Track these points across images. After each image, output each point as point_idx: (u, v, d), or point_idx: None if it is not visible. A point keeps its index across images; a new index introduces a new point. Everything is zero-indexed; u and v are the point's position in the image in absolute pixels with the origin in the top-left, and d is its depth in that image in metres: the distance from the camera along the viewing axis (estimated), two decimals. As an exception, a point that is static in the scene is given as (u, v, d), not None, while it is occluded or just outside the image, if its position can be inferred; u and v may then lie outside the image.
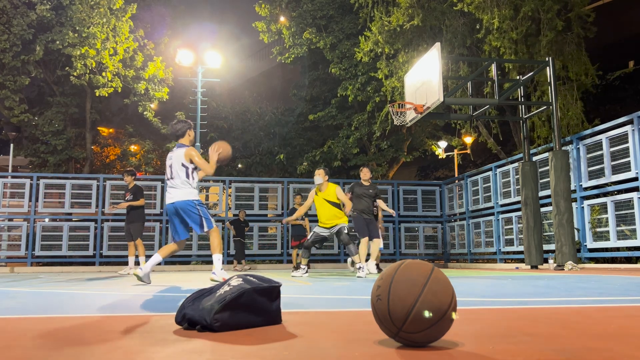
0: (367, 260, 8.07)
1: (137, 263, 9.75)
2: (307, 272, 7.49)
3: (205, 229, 5.29)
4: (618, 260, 9.41)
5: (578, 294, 3.54)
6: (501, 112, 14.33)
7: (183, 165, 5.31)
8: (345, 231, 7.43)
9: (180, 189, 5.30)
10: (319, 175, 7.57)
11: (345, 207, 7.46)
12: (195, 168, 5.37)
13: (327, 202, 7.49)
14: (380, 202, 8.72)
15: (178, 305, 2.08)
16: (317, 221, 7.74)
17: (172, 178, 5.36)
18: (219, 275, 5.12)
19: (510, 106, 13.64)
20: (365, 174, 8.35)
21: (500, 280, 5.60)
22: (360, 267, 7.07)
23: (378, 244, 8.34)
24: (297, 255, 11.77)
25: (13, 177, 14.49)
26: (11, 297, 3.69)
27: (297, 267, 11.29)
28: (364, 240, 7.94)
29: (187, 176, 5.30)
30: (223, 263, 6.92)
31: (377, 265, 11.48)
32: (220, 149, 5.39)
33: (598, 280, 5.09)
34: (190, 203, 5.26)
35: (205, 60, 17.02)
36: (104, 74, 15.96)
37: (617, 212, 8.88)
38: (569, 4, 11.49)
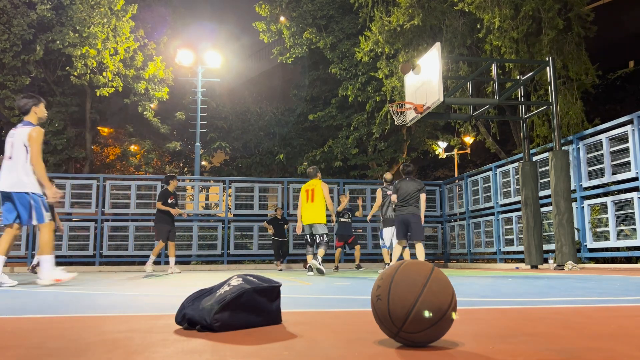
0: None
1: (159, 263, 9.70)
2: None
3: (35, 222, 4.93)
4: (618, 260, 9.41)
5: (578, 294, 3.54)
6: (501, 112, 14.33)
7: (25, 145, 4.87)
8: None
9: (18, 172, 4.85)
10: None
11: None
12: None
13: None
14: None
15: (178, 305, 2.08)
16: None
17: (10, 158, 4.91)
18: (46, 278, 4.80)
19: (510, 106, 13.64)
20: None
21: (500, 280, 5.60)
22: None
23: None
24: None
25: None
26: (11, 297, 3.69)
27: (337, 268, 11.39)
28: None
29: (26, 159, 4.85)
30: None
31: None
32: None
33: (598, 280, 5.09)
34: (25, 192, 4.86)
35: (205, 60, 17.03)
36: (104, 73, 15.97)
37: (617, 212, 8.88)
38: (569, 3, 11.49)
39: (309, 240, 8.15)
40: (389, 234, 8.56)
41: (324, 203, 8.01)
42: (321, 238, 7.95)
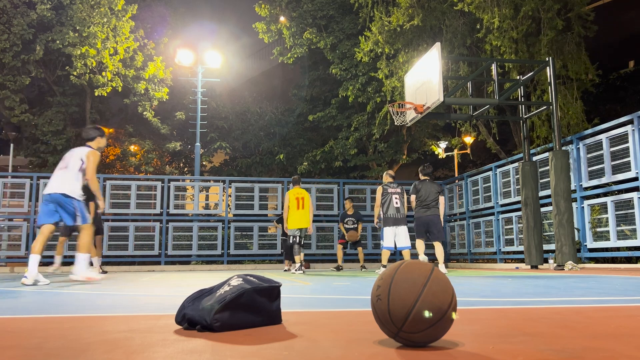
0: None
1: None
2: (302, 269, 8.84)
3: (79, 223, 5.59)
4: (618, 260, 9.41)
5: (578, 294, 3.54)
6: (501, 112, 14.33)
7: (81, 159, 5.72)
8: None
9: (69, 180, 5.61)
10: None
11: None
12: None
13: None
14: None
15: (178, 305, 2.08)
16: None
17: (67, 167, 5.68)
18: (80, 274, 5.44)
19: (510, 106, 13.64)
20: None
21: (500, 280, 5.60)
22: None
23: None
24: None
25: (13, 177, 14.49)
26: (11, 297, 3.69)
27: (341, 268, 11.76)
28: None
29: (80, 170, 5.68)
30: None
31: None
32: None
33: (598, 280, 5.09)
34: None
35: (205, 60, 17.03)
36: (104, 73, 15.97)
37: (617, 212, 8.88)
38: (569, 3, 11.50)
39: (298, 242, 9.23)
40: (390, 233, 8.40)
41: (311, 210, 9.40)
42: (304, 240, 9.38)
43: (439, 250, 8.12)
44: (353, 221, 11.77)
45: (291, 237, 9.32)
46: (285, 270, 11.18)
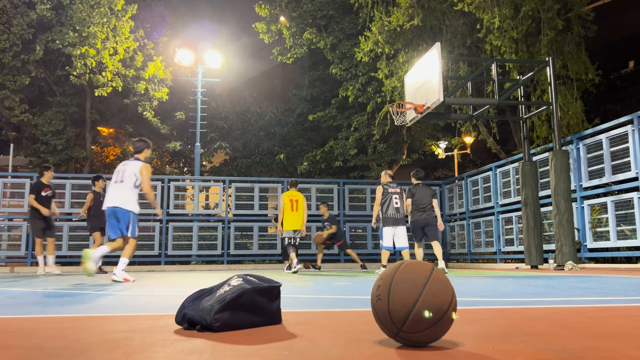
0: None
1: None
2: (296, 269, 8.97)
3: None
4: (618, 260, 9.41)
5: (578, 294, 3.54)
6: (501, 112, 14.33)
7: (135, 175, 6.23)
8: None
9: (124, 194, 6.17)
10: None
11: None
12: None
13: None
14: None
15: (178, 305, 2.08)
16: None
17: (122, 182, 6.21)
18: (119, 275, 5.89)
19: (510, 106, 13.64)
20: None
21: (500, 280, 5.60)
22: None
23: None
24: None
25: (13, 177, 14.50)
26: (11, 297, 3.69)
27: (319, 268, 11.89)
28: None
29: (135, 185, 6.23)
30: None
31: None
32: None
33: (598, 280, 5.09)
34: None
35: (205, 60, 17.03)
36: (103, 73, 15.96)
37: (617, 212, 8.88)
38: (569, 3, 11.50)
39: (292, 243, 9.47)
40: (389, 233, 8.38)
41: (305, 213, 9.63)
42: (300, 241, 9.81)
43: (437, 249, 8.32)
44: (329, 225, 11.82)
45: (286, 239, 9.60)
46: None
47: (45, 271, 9.18)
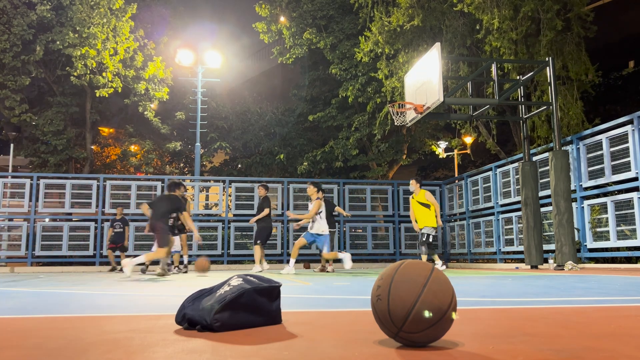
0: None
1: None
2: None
3: None
4: (618, 260, 9.41)
5: (578, 294, 3.54)
6: (501, 112, 14.33)
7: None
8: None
9: None
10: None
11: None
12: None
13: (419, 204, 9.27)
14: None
15: (178, 305, 2.08)
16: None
17: None
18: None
19: (510, 106, 13.64)
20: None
21: (500, 280, 5.60)
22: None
23: None
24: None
25: (13, 177, 14.50)
26: (11, 297, 3.69)
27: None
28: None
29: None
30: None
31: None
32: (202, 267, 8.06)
33: (598, 280, 5.09)
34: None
35: (205, 60, 17.03)
36: (104, 74, 15.97)
37: (617, 212, 8.88)
38: (569, 4, 11.49)
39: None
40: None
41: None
42: None
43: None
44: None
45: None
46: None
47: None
